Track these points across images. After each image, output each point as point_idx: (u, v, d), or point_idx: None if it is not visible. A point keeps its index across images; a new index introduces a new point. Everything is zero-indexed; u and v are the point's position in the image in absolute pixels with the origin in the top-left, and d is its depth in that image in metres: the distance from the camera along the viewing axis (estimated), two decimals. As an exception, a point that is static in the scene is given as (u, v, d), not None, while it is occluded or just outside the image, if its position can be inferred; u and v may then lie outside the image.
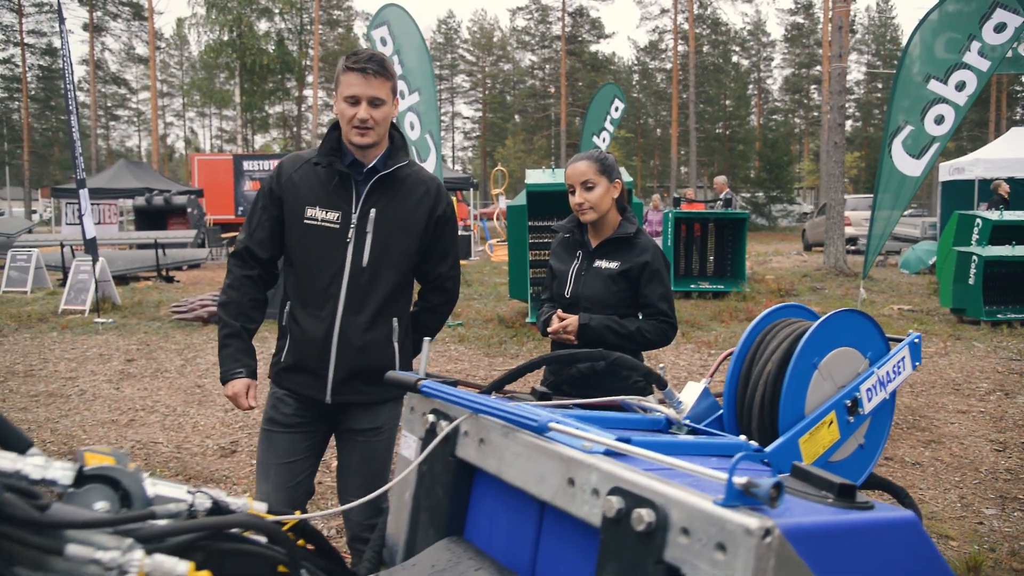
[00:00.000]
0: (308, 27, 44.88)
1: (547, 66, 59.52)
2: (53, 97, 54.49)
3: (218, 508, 1.20)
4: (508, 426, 1.45)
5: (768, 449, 1.09)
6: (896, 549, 1.21)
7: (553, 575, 1.37)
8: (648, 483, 1.14)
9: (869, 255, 9.09)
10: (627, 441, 1.34)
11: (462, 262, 14.16)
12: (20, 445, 1.12)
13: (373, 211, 2.57)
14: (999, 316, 9.83)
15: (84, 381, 7.37)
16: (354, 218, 2.56)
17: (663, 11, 53.63)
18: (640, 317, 2.99)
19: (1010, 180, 14.62)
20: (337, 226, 2.55)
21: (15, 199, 51.50)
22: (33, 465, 1.02)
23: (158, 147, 44.72)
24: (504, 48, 64.58)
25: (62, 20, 11.11)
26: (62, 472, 1.05)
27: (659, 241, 15.40)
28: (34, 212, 46.50)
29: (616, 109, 15.91)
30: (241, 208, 26.71)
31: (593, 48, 57.23)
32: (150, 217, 22.62)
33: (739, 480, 1.07)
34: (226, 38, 38.26)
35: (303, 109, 52.99)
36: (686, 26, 48.23)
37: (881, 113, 56.27)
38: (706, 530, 1.03)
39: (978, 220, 11.25)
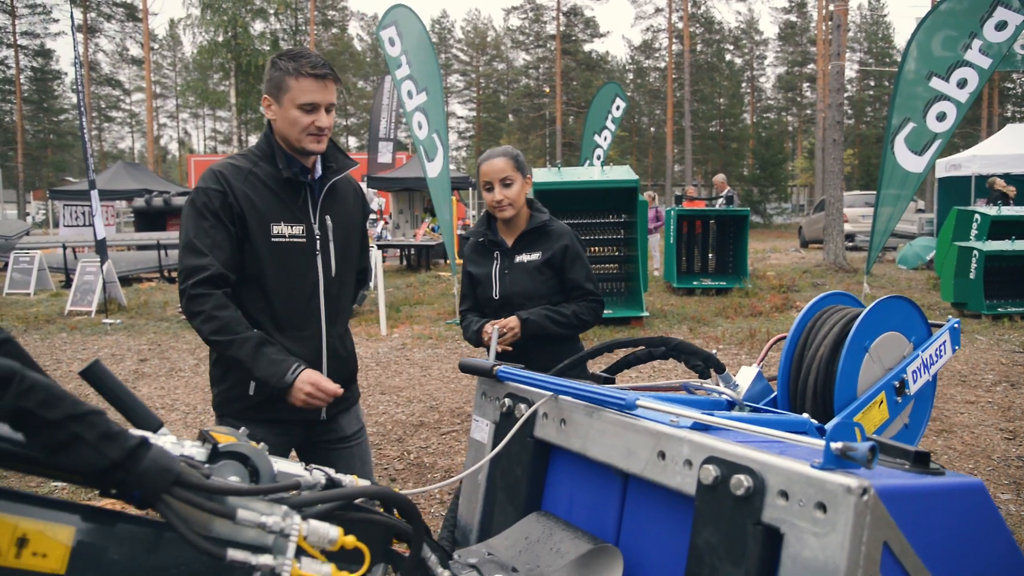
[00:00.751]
0: (303, 27, 44.89)
1: (541, 65, 59.58)
2: (46, 99, 54.36)
3: (332, 483, 1.29)
4: (592, 406, 1.54)
5: (828, 427, 1.18)
6: (966, 510, 1.31)
7: (638, 543, 1.46)
8: (744, 451, 1.23)
9: (872, 251, 9.22)
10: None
11: (459, 262, 14.24)
12: (152, 425, 1.20)
13: (328, 219, 2.51)
14: (1000, 310, 9.97)
15: None
16: (316, 229, 2.47)
17: (657, 10, 53.82)
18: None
19: (1005, 176, 14.77)
20: (304, 240, 2.44)
21: (8, 201, 51.27)
22: (170, 443, 1.11)
23: (153, 149, 44.60)
24: (498, 48, 64.63)
25: (74, 25, 11.16)
26: (197, 449, 1.14)
27: (660, 236, 15.52)
28: (27, 215, 46.36)
29: (617, 108, 16.03)
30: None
31: (587, 47, 57.33)
32: (150, 218, 22.64)
33: (836, 445, 1.17)
34: (221, 39, 38.24)
35: (298, 110, 52.89)
36: (680, 25, 48.37)
37: (873, 111, 56.59)
38: (806, 492, 1.12)
39: (977, 216, 11.41)
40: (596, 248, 10.80)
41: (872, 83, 56.38)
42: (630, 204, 10.47)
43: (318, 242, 2.47)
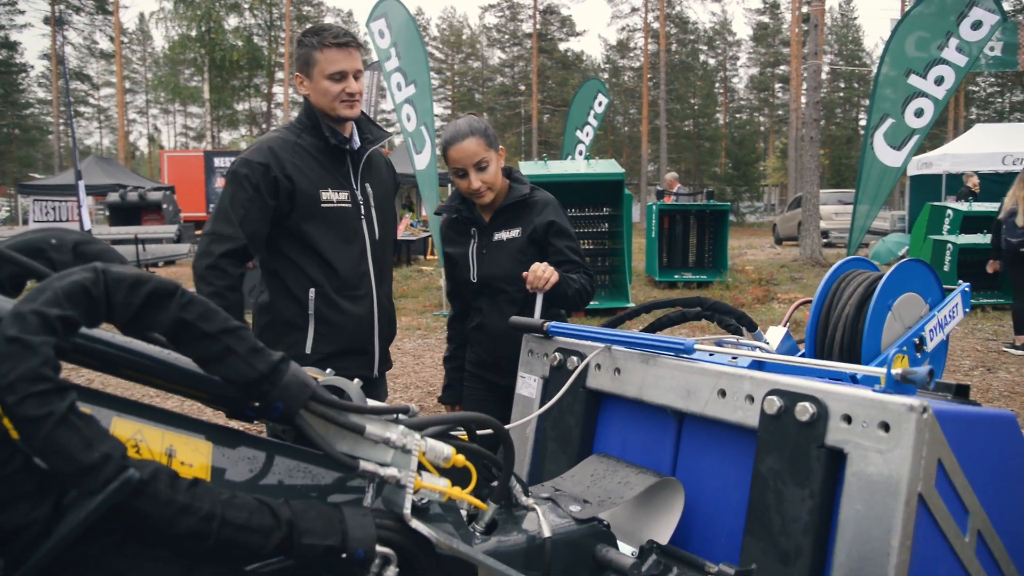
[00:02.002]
0: (278, 23, 44.53)
1: (517, 64, 59.71)
2: (11, 93, 53.24)
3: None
4: (649, 353, 1.64)
5: (871, 367, 1.31)
6: (1003, 437, 1.44)
7: (694, 476, 1.57)
8: (805, 383, 1.35)
9: (852, 245, 9.47)
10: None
11: (433, 257, 14.19)
12: None
13: (368, 186, 2.66)
14: (973, 301, 10.27)
15: (89, 372, 7.38)
16: (359, 196, 2.62)
17: (633, 10, 54.18)
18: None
19: (975, 174, 15.19)
20: (350, 205, 2.59)
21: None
22: None
23: (125, 144, 43.95)
24: (473, 46, 64.62)
25: (60, 23, 11.05)
26: None
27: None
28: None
29: (600, 104, 16.20)
30: (213, 205, 26.51)
31: (563, 46, 57.59)
32: (125, 213, 22.38)
33: (897, 370, 1.28)
34: (194, 33, 37.85)
35: (272, 106, 52.49)
36: (656, 25, 48.77)
37: (843, 112, 57.49)
38: (868, 414, 1.24)
39: (949, 211, 11.72)
40: (581, 241, 10.89)
41: (843, 84, 57.30)
42: (615, 197, 10.62)
43: (362, 207, 2.62)
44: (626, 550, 1.42)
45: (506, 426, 1.86)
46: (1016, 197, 7.78)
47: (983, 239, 10.28)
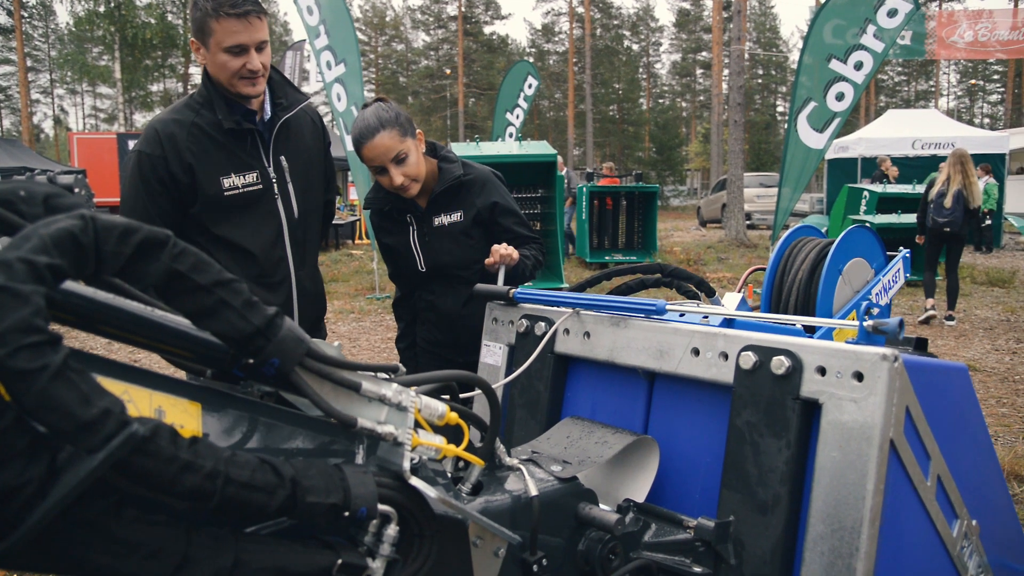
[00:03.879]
0: None
1: (442, 47, 59.17)
2: None
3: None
4: (619, 316, 1.66)
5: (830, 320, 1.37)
6: (957, 387, 1.51)
7: (667, 435, 1.60)
8: (779, 338, 1.39)
9: (776, 226, 9.78)
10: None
11: (367, 241, 13.97)
12: None
13: (284, 160, 2.42)
14: (887, 278, 10.77)
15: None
16: (271, 173, 2.39)
17: (558, -6, 54.35)
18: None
19: (888, 157, 15.90)
20: (259, 186, 2.35)
21: None
22: None
23: (29, 126, 41.62)
24: (397, 28, 63.66)
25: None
26: None
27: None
28: None
29: (530, 86, 16.22)
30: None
31: (489, 30, 57.35)
32: (32, 198, 21.21)
33: (868, 323, 1.33)
34: (102, 9, 35.99)
35: (189, 87, 50.57)
36: (581, 9, 49.06)
37: (762, 99, 59.18)
38: (842, 364, 1.29)
39: (866, 192, 12.26)
40: (515, 223, 10.95)
41: (761, 71, 58.93)
42: (548, 178, 10.67)
43: (275, 186, 2.39)
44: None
45: (469, 395, 1.86)
46: (946, 178, 8.27)
47: (898, 219, 10.79)
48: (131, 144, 23.84)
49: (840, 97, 8.76)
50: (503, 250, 2.37)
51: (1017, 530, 1.94)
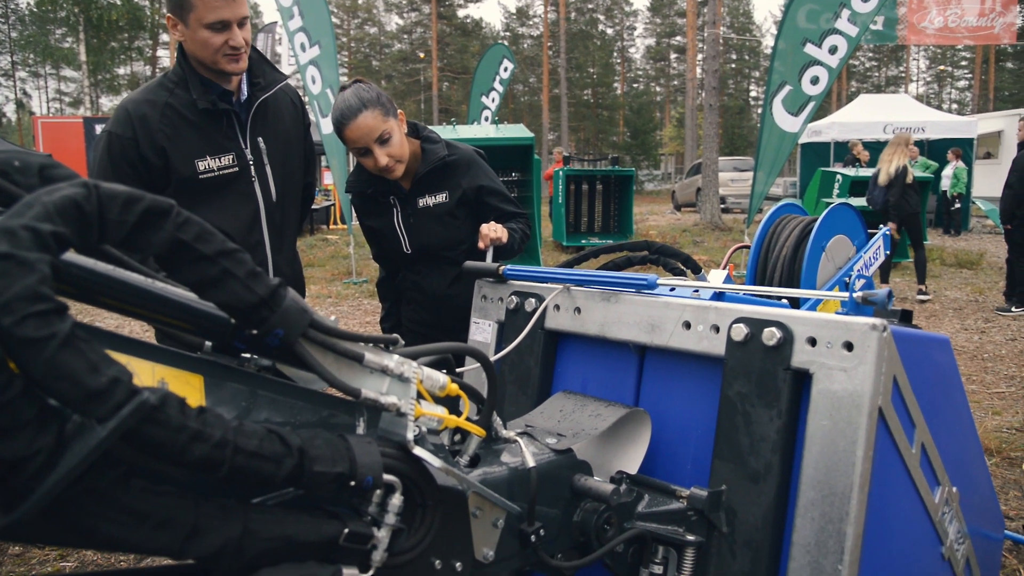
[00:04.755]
0: (161, -20, 41.97)
1: (416, 30, 58.65)
2: None
3: None
4: (610, 291, 1.67)
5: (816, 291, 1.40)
6: (940, 358, 1.55)
7: (657, 407, 1.62)
8: (769, 310, 1.41)
9: (751, 210, 9.88)
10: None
11: (343, 226, 13.85)
12: None
13: (261, 141, 2.37)
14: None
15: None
16: (248, 155, 2.34)
17: (532, -23, 54.05)
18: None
19: (860, 141, 16.10)
20: (236, 169, 2.30)
21: None
22: None
23: (-9, 109, 40.60)
24: (370, 11, 62.93)
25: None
26: None
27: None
28: None
29: (505, 70, 16.15)
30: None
31: (463, 13, 56.93)
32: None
33: (858, 294, 1.36)
34: (67, -11, 35.14)
35: (157, 69, 49.68)
36: (555, -7, 48.84)
37: (735, 83, 59.47)
38: (832, 335, 1.31)
39: (838, 176, 12.40)
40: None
41: (734, 56, 59.18)
42: (525, 162, 10.66)
43: (252, 168, 2.35)
44: (598, 481, 1.46)
45: (461, 370, 1.87)
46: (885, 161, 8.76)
47: (869, 202, 10.95)
48: (99, 128, 23.41)
49: (815, 81, 8.84)
50: (492, 233, 2.35)
51: (993, 499, 2.00)
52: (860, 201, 10.91)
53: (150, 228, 0.84)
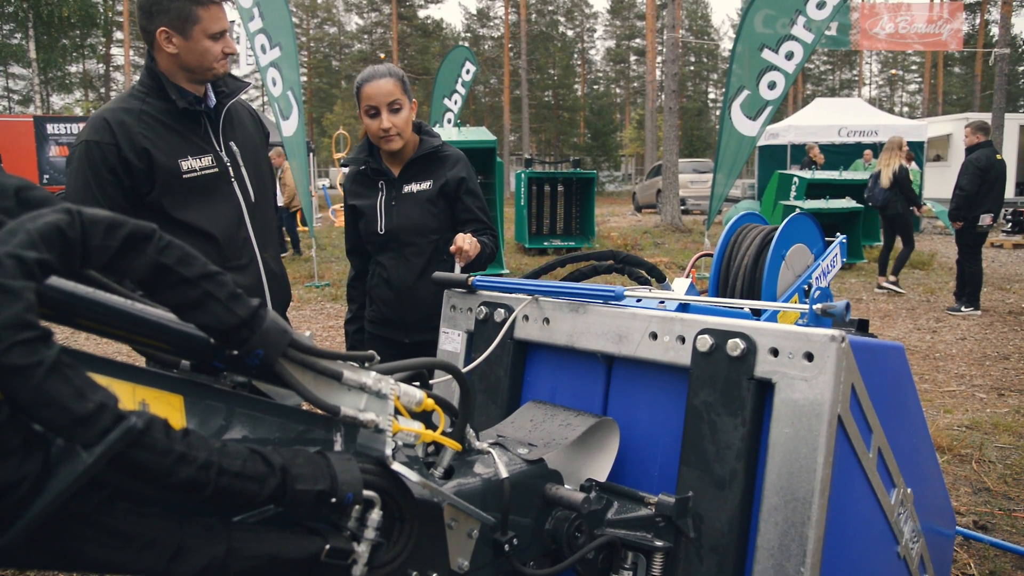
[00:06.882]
0: (114, -23, 41.07)
1: (376, 30, 58.29)
2: None
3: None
4: (578, 302, 1.71)
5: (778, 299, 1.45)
6: (895, 366, 1.61)
7: (625, 416, 1.67)
8: (733, 321, 1.46)
9: (711, 212, 10.04)
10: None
11: (304, 228, 13.85)
12: None
13: (233, 144, 2.47)
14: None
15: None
16: (224, 157, 2.42)
17: (493, -22, 54.08)
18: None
19: (816, 144, 16.45)
20: (216, 169, 2.38)
21: None
22: None
23: (-64, 107, 39.32)
24: (329, 11, 62.37)
25: None
26: None
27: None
28: None
29: (467, 72, 16.15)
30: (47, 176, 24.32)
31: (423, 13, 56.74)
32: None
33: (818, 306, 1.41)
34: (15, -15, 34.19)
35: (111, 68, 48.62)
36: (516, -6, 48.94)
37: (694, 86, 60.26)
38: (794, 346, 1.36)
39: (795, 179, 12.67)
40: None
41: (693, 59, 59.94)
42: (487, 165, 10.69)
43: (230, 169, 2.43)
44: (568, 489, 1.50)
45: (433, 381, 1.89)
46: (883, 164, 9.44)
47: (826, 204, 11.21)
48: (49, 128, 22.54)
49: (772, 86, 9.02)
50: (466, 245, 2.45)
51: (945, 497, 2.09)
52: (817, 203, 11.18)
53: (132, 253, 0.85)
